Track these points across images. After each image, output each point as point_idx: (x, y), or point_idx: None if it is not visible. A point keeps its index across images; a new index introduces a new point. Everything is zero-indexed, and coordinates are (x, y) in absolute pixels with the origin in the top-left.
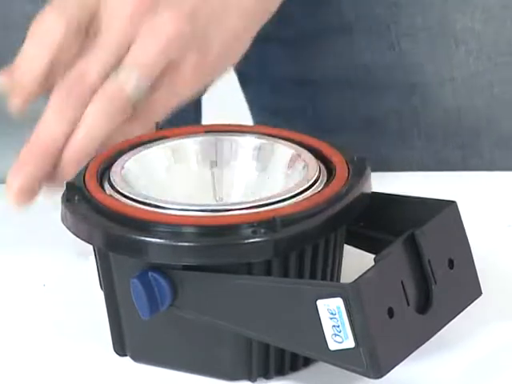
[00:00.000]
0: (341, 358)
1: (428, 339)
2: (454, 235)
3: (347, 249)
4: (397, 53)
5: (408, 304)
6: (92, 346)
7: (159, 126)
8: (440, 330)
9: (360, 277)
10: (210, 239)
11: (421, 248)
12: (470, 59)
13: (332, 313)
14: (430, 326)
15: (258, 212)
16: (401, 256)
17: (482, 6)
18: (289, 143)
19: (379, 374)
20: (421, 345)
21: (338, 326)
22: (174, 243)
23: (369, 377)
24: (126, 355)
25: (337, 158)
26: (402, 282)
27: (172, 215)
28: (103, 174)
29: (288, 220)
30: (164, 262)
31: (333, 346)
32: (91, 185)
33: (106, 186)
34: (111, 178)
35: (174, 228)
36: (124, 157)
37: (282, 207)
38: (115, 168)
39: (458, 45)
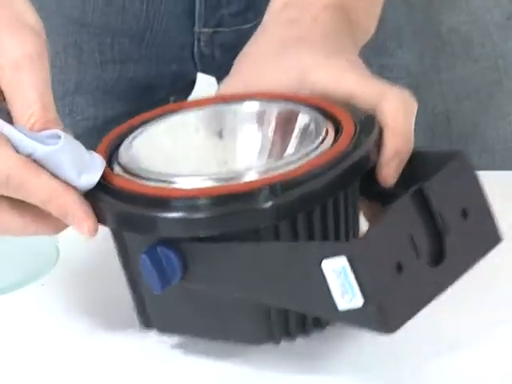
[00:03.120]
0: (350, 318)
1: (441, 292)
2: (466, 184)
3: None
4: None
5: (418, 257)
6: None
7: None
8: (455, 281)
9: (365, 234)
10: (216, 209)
11: (430, 201)
12: (457, 62)
13: (337, 272)
14: (443, 278)
15: (261, 178)
16: (409, 210)
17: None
18: (294, 104)
19: (390, 331)
20: (433, 299)
21: (345, 285)
22: (188, 216)
23: (380, 333)
24: (151, 328)
25: (344, 118)
26: (411, 236)
27: (177, 189)
28: (112, 154)
29: (289, 184)
30: (177, 236)
31: (342, 305)
32: None
33: (116, 166)
34: (119, 158)
35: (183, 201)
36: (132, 135)
37: (286, 172)
38: (124, 147)
39: (444, 47)
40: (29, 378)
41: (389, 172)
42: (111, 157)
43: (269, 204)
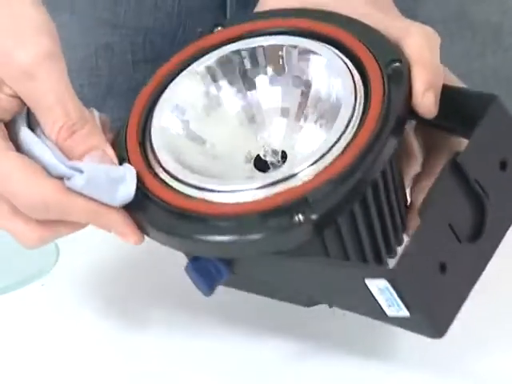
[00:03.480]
0: (400, 323)
1: (485, 267)
2: (503, 133)
3: None
4: None
5: (460, 241)
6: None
7: None
8: (497, 246)
9: (402, 255)
10: (263, 229)
11: (466, 173)
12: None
13: (381, 289)
14: (485, 249)
15: (291, 191)
16: (447, 190)
17: None
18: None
19: (439, 335)
20: (478, 279)
21: (390, 300)
22: (236, 239)
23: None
24: None
25: (370, 64)
26: (451, 226)
27: (221, 205)
28: (144, 131)
29: (329, 188)
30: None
31: (390, 313)
32: (139, 167)
33: (152, 159)
34: (157, 154)
35: (229, 221)
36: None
37: (323, 172)
38: (155, 129)
39: (474, 37)
40: (29, 378)
41: (428, 103)
42: (145, 133)
43: (313, 217)
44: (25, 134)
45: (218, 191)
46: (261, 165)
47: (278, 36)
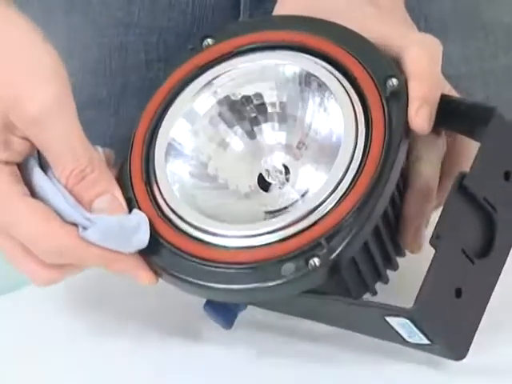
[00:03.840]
0: (421, 348)
1: (498, 278)
2: (505, 145)
3: None
4: None
5: (473, 262)
6: None
7: None
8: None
9: (420, 292)
10: (276, 275)
11: (475, 195)
12: (500, 52)
13: (402, 324)
14: (496, 262)
15: (305, 235)
16: (456, 215)
17: None
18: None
19: (460, 358)
20: (492, 292)
21: (411, 332)
22: (251, 287)
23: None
24: None
25: (368, 87)
26: (463, 250)
27: (234, 253)
28: (148, 168)
29: (335, 236)
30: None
31: (411, 341)
32: (147, 209)
33: (159, 199)
34: (165, 196)
35: (242, 269)
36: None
37: (325, 220)
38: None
39: (487, 37)
40: (27, 378)
41: (420, 121)
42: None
43: (329, 259)
44: (38, 176)
45: (232, 236)
46: (265, 185)
47: (270, 52)
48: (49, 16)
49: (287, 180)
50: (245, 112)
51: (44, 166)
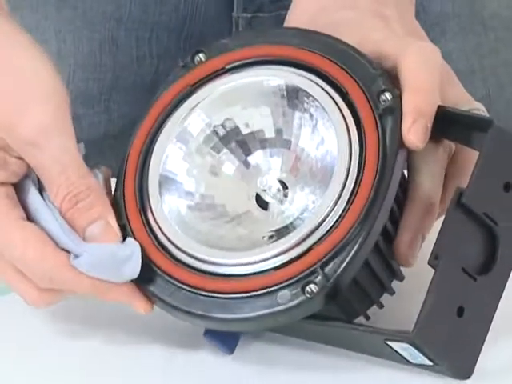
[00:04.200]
0: (426, 368)
1: (502, 294)
2: (504, 156)
3: None
4: None
5: (475, 279)
6: None
7: None
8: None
9: (420, 316)
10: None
11: (474, 211)
12: (500, 47)
13: (404, 347)
14: (501, 270)
15: (300, 262)
16: (455, 233)
17: None
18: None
19: (465, 377)
20: (496, 308)
21: (413, 354)
22: (249, 315)
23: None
24: None
25: (362, 104)
26: (463, 269)
27: (231, 280)
28: (142, 194)
29: (332, 261)
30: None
31: (414, 361)
32: (142, 237)
33: (154, 226)
34: (160, 224)
35: (241, 300)
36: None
37: (321, 245)
38: (153, 194)
39: (486, 32)
40: (24, 379)
41: (414, 138)
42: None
43: (327, 285)
44: (33, 199)
45: (227, 265)
46: (263, 204)
47: (261, 68)
48: (40, 10)
49: (285, 196)
50: (235, 140)
51: (41, 188)
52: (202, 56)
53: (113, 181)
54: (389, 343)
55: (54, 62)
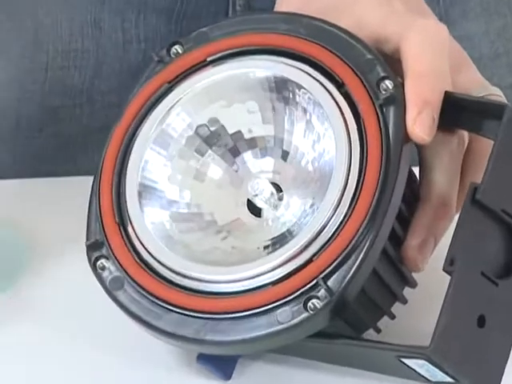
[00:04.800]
0: None
1: None
2: None
3: None
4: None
5: (496, 284)
6: None
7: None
8: None
9: (437, 329)
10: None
11: (491, 208)
12: None
13: (420, 365)
14: None
15: (301, 275)
16: (471, 234)
17: None
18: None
19: None
20: None
21: (431, 372)
22: (249, 337)
23: None
24: None
25: (361, 96)
26: (483, 273)
27: (225, 299)
28: (120, 207)
29: (335, 272)
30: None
31: (433, 379)
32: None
33: (136, 242)
34: (143, 242)
35: (235, 320)
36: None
37: (322, 255)
38: (131, 205)
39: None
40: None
41: (420, 131)
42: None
43: (331, 299)
44: None
45: (219, 281)
46: (256, 211)
47: (247, 60)
48: None
49: (280, 200)
50: (220, 140)
51: None
52: (178, 48)
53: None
54: (403, 360)
55: (30, 47)
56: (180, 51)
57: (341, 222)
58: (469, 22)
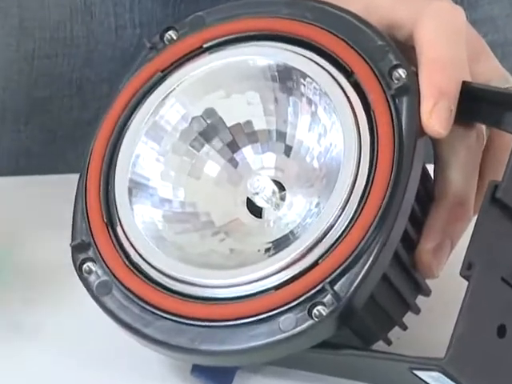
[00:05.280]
0: None
1: None
2: None
3: None
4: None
5: None
6: None
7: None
8: None
9: (453, 338)
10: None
11: (509, 205)
12: None
13: (434, 377)
14: None
15: (304, 279)
16: (491, 236)
17: None
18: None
19: None
20: None
21: None
22: (250, 346)
23: None
24: None
25: (373, 87)
26: (503, 279)
27: (225, 305)
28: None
29: (342, 276)
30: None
31: None
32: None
33: (125, 242)
34: (134, 243)
35: (234, 328)
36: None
37: (328, 258)
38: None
39: None
40: None
41: (436, 125)
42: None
43: (338, 306)
44: None
45: (216, 286)
46: (256, 210)
47: (247, 47)
48: None
49: (282, 199)
50: (218, 134)
51: None
52: (173, 34)
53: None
54: (416, 372)
55: (15, 34)
56: (174, 37)
57: (349, 223)
58: (491, 3)
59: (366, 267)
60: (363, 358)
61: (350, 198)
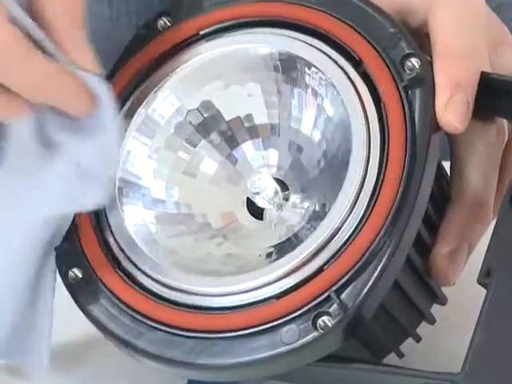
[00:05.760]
0: None
1: None
2: None
3: None
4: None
5: None
6: None
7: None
8: None
9: (469, 352)
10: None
11: None
12: None
13: None
14: None
15: (309, 288)
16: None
17: None
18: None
19: None
20: None
21: None
22: (251, 360)
23: None
24: None
25: (383, 78)
26: None
27: (225, 316)
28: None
29: (350, 284)
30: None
31: None
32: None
33: (114, 246)
34: (125, 250)
35: (234, 339)
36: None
37: (336, 265)
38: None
39: None
40: None
41: (452, 118)
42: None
43: (345, 316)
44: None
45: (213, 295)
46: (257, 212)
47: (246, 34)
48: None
49: (285, 199)
50: (215, 128)
51: None
52: (166, 20)
53: None
54: None
55: None
56: (168, 23)
57: (357, 226)
58: None
59: (376, 274)
60: (373, 372)
61: (358, 198)
